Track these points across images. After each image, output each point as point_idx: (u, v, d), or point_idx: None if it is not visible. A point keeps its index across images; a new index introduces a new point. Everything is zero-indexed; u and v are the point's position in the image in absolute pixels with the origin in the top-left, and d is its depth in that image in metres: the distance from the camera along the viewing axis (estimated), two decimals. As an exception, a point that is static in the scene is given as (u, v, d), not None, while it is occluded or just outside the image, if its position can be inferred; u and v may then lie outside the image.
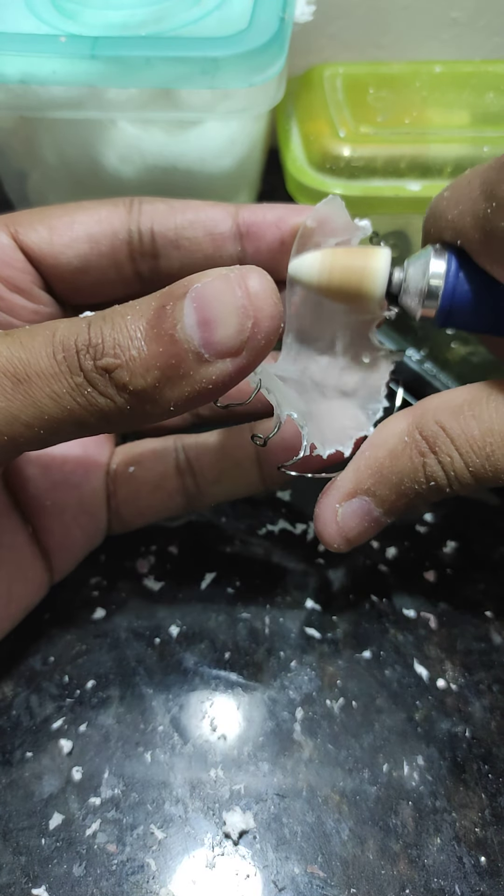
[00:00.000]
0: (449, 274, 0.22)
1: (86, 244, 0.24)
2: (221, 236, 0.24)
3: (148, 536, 0.31)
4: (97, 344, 0.17)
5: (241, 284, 0.17)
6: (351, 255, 0.23)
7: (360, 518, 0.23)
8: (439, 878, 0.23)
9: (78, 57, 0.29)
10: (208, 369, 0.17)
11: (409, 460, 0.22)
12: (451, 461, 0.21)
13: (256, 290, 0.17)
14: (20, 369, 0.17)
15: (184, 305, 0.17)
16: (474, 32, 0.43)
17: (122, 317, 0.18)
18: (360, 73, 0.41)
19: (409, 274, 0.23)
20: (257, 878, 0.23)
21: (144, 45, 0.29)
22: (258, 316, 0.17)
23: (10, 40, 0.30)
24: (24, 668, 0.28)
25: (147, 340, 0.17)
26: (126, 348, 0.17)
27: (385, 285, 0.23)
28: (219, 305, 0.17)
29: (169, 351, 0.17)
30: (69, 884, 0.23)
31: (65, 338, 0.18)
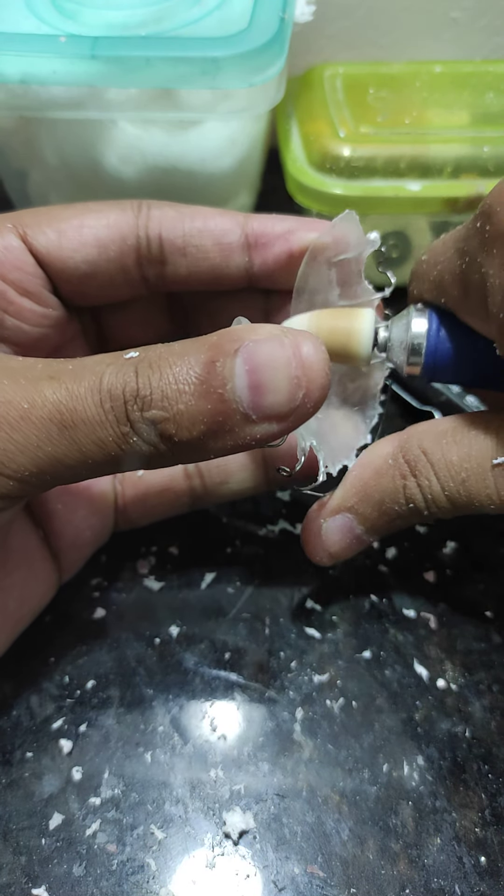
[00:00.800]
0: (430, 332, 0.23)
1: (94, 249, 0.24)
2: (230, 246, 0.24)
3: (148, 536, 0.31)
4: (146, 395, 0.17)
5: (295, 354, 0.17)
6: (335, 317, 0.24)
7: (343, 534, 0.24)
8: (439, 878, 0.23)
9: (78, 57, 0.29)
10: (254, 428, 0.18)
11: (392, 481, 0.23)
12: (428, 485, 0.22)
13: (311, 361, 0.17)
14: (66, 416, 0.17)
15: (235, 365, 0.17)
16: (474, 32, 0.43)
17: (170, 366, 0.17)
18: (360, 73, 0.41)
19: (393, 334, 0.24)
20: (257, 878, 0.23)
21: (144, 45, 0.29)
22: (310, 388, 0.18)
23: (10, 40, 0.30)
24: (24, 668, 0.28)
25: (195, 396, 0.17)
26: (174, 402, 0.17)
27: (370, 345, 0.24)
28: (271, 372, 0.17)
29: (217, 409, 0.17)
30: (69, 884, 0.23)
31: (112, 386, 0.17)
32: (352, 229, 0.24)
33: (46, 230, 0.24)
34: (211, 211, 0.25)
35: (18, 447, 0.18)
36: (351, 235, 0.24)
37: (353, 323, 0.24)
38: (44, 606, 0.27)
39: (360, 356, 0.24)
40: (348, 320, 0.24)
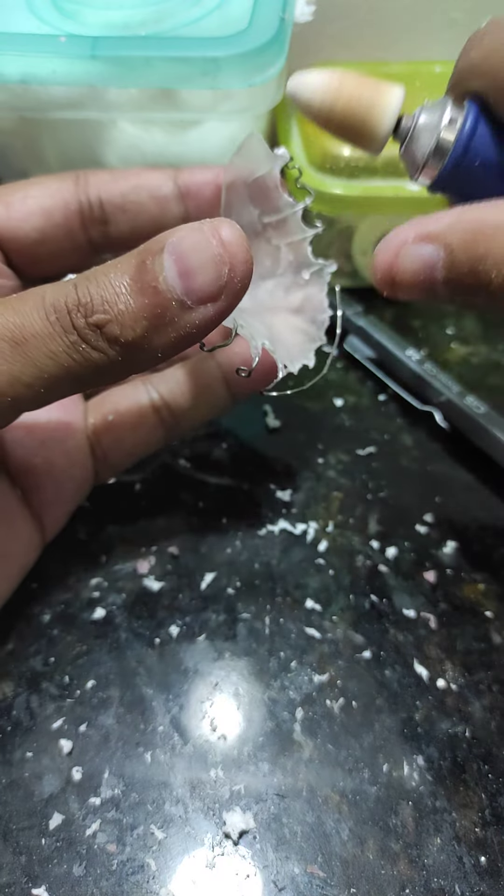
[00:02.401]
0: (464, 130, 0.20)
1: (40, 217, 0.26)
2: (165, 198, 0.26)
3: (148, 536, 0.31)
4: (86, 303, 0.18)
5: (214, 235, 0.18)
6: (361, 85, 0.21)
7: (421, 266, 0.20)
8: (439, 878, 0.23)
9: (78, 57, 0.29)
10: (191, 315, 0.19)
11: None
12: None
13: (229, 238, 0.18)
14: (17, 333, 0.19)
15: (163, 259, 0.18)
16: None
17: (105, 275, 0.19)
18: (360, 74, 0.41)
19: (420, 123, 0.20)
20: (257, 878, 0.23)
21: (144, 45, 0.29)
22: (233, 262, 0.18)
23: (10, 40, 0.30)
24: (24, 668, 0.28)
25: (133, 294, 0.18)
26: (114, 303, 0.18)
27: (392, 125, 0.21)
28: (196, 256, 0.18)
29: (154, 301, 0.18)
30: (69, 884, 0.23)
31: (55, 300, 0.19)
32: (257, 148, 0.24)
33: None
34: (142, 169, 0.27)
35: None
36: (258, 154, 0.25)
37: (381, 95, 0.21)
38: (28, 567, 0.27)
39: (376, 137, 0.21)
40: (376, 91, 0.21)
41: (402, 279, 0.20)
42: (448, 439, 0.35)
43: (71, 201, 0.26)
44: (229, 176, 0.25)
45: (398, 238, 0.20)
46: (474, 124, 0.20)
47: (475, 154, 0.20)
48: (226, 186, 0.25)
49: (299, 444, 0.35)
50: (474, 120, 0.20)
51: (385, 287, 0.21)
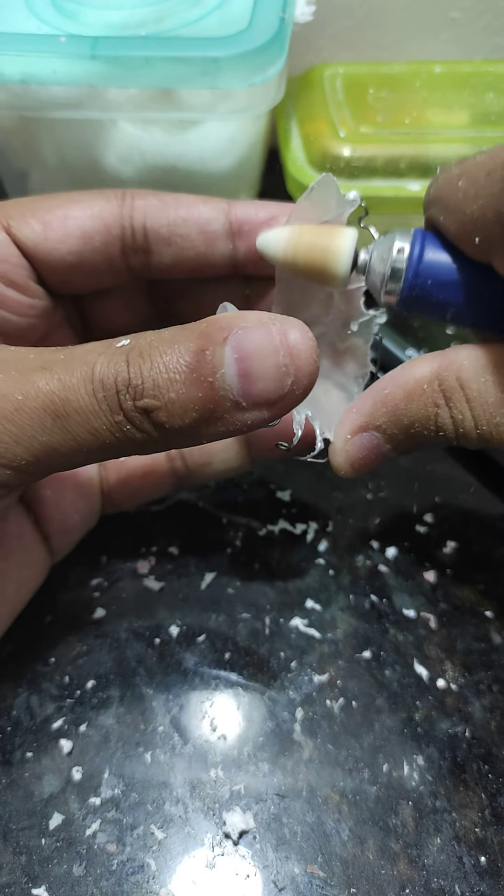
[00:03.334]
0: (413, 255, 0.22)
1: (79, 240, 0.24)
2: (214, 234, 0.24)
3: (148, 536, 0.31)
4: (137, 385, 0.17)
5: (283, 341, 0.18)
6: (316, 234, 0.23)
7: (368, 451, 0.23)
8: (439, 878, 0.23)
9: (78, 57, 0.29)
10: (244, 415, 0.18)
11: (423, 408, 0.22)
12: (462, 419, 0.21)
13: (298, 348, 0.18)
14: (60, 407, 0.18)
15: (224, 353, 0.17)
16: (474, 32, 0.43)
17: (160, 355, 0.18)
18: (360, 73, 0.41)
19: (374, 255, 0.23)
20: (257, 878, 0.23)
21: (144, 45, 0.29)
22: (298, 375, 0.18)
23: (10, 40, 0.30)
24: (24, 668, 0.28)
25: (186, 385, 0.17)
26: (166, 390, 0.17)
27: (349, 266, 0.23)
28: (260, 361, 0.17)
29: (208, 396, 0.17)
30: (69, 884, 0.23)
31: (104, 375, 0.18)
32: (330, 193, 0.23)
33: (31, 221, 0.24)
34: (194, 199, 0.25)
35: (14, 438, 0.18)
36: (330, 199, 0.23)
37: (334, 241, 0.23)
38: (37, 588, 0.27)
39: (338, 277, 0.23)
40: (329, 238, 0.23)
41: (359, 464, 0.23)
42: (448, 439, 0.35)
43: (113, 226, 0.24)
44: (295, 219, 0.24)
45: (340, 437, 0.23)
46: (420, 250, 0.22)
47: (426, 275, 0.22)
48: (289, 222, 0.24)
49: (299, 444, 0.35)
50: (420, 246, 0.22)
51: (349, 474, 0.24)
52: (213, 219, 0.24)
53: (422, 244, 0.22)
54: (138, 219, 0.24)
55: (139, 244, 0.24)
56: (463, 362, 0.21)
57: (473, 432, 0.21)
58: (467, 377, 0.21)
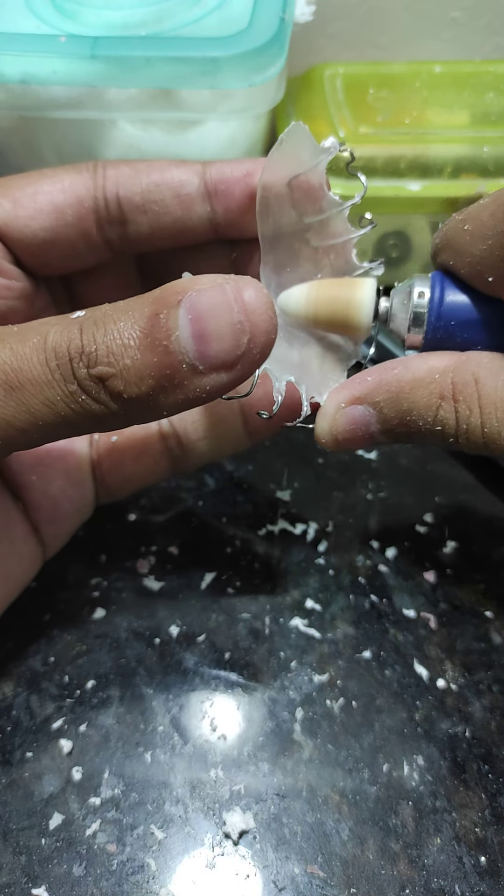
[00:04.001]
0: (434, 300, 0.22)
1: (51, 215, 0.23)
2: (189, 197, 0.24)
3: (148, 536, 0.31)
4: (90, 352, 0.17)
5: (237, 299, 0.17)
6: (336, 287, 0.23)
7: (357, 425, 0.22)
8: (439, 878, 0.23)
9: (78, 57, 0.29)
10: (203, 380, 0.17)
11: (427, 396, 0.21)
12: (468, 416, 0.21)
13: (253, 305, 0.17)
14: (12, 377, 0.17)
15: (178, 316, 0.17)
16: (474, 32, 0.43)
17: (114, 322, 0.17)
18: (360, 73, 0.41)
19: (395, 302, 0.23)
20: (257, 878, 0.23)
21: (144, 45, 0.29)
22: (254, 332, 0.17)
23: (10, 40, 0.30)
24: (24, 668, 0.28)
25: (141, 350, 0.17)
26: (120, 357, 0.17)
27: (371, 316, 0.23)
28: (214, 320, 0.17)
29: (163, 361, 0.17)
30: (69, 884, 0.23)
31: (57, 344, 0.17)
32: (302, 142, 0.22)
33: (1, 200, 0.23)
34: (167, 163, 0.24)
35: None
36: (303, 149, 0.22)
37: (354, 293, 0.23)
38: (28, 581, 0.27)
39: (360, 327, 0.23)
40: (349, 290, 0.23)
41: (344, 437, 0.22)
42: (448, 439, 0.35)
43: (85, 198, 0.23)
44: (268, 173, 0.23)
45: (333, 403, 0.22)
46: (441, 292, 0.22)
47: (448, 317, 0.22)
48: (262, 185, 0.23)
49: (299, 444, 0.35)
50: (440, 289, 0.22)
51: (330, 445, 0.23)
52: (188, 181, 0.23)
53: (441, 287, 0.22)
54: (111, 189, 0.23)
55: (114, 215, 0.24)
56: (483, 360, 0.21)
57: (479, 431, 0.21)
58: (484, 375, 0.21)
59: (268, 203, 0.23)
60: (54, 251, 0.24)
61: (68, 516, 0.27)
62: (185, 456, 0.27)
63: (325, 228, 0.24)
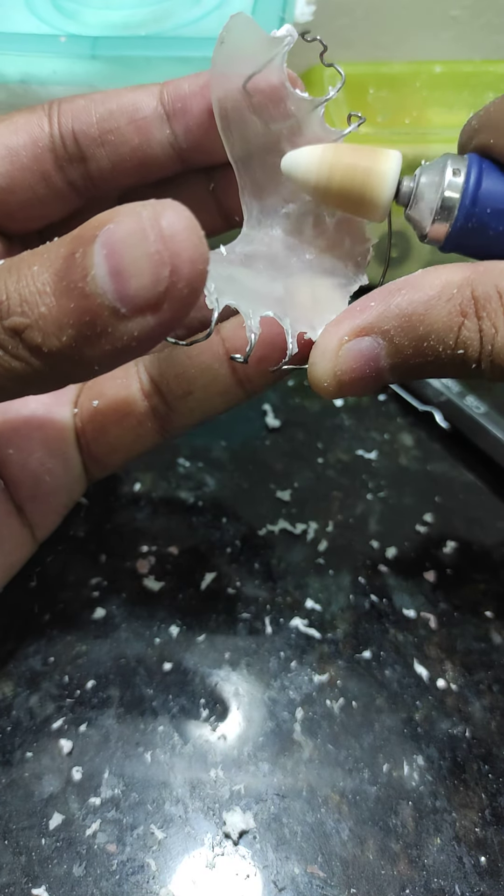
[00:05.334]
0: (469, 180, 0.19)
1: (4, 160, 0.22)
2: (146, 121, 0.21)
3: (148, 536, 0.31)
4: (2, 301, 0.15)
5: (153, 225, 0.14)
6: (356, 154, 0.20)
7: (364, 361, 0.19)
8: (439, 878, 0.23)
9: (78, 57, 0.29)
10: (128, 325, 0.15)
11: (447, 316, 0.18)
12: (493, 334, 0.18)
13: (171, 230, 0.14)
14: None
15: (94, 252, 0.15)
16: (474, 32, 0.43)
17: (28, 267, 0.15)
18: (360, 73, 0.41)
19: (422, 182, 0.20)
20: (257, 878, 0.23)
21: (145, 45, 0.29)
22: (175, 262, 0.15)
23: (10, 40, 0.30)
24: (24, 668, 0.28)
25: (56, 295, 0.15)
26: (35, 305, 0.15)
27: (393, 191, 0.20)
28: (129, 251, 0.14)
29: (81, 306, 0.15)
30: (69, 884, 0.23)
31: None
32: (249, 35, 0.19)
33: None
34: (124, 89, 0.22)
35: None
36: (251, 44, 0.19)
37: (377, 163, 0.19)
38: (17, 566, 0.25)
39: (378, 205, 0.20)
40: (370, 159, 0.20)
41: (349, 378, 0.19)
42: (448, 439, 0.35)
43: (40, 137, 0.21)
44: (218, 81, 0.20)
45: (333, 338, 0.19)
46: (479, 173, 0.19)
47: (485, 203, 0.19)
48: (216, 97, 0.20)
49: (299, 444, 0.35)
50: (478, 168, 0.19)
51: (332, 388, 0.19)
52: (143, 103, 0.21)
53: (480, 168, 0.19)
54: (66, 124, 0.22)
55: (72, 152, 0.22)
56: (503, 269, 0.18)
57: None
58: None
59: (227, 115, 0.20)
60: (14, 199, 0.22)
61: (53, 492, 0.25)
62: (171, 414, 0.24)
63: (298, 135, 0.21)
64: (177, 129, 0.22)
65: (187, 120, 0.21)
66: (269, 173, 0.21)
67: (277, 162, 0.21)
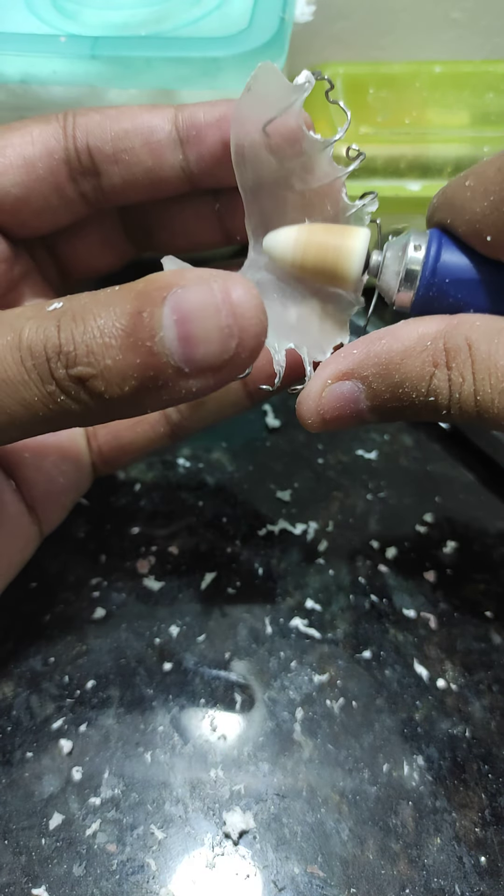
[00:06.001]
0: (429, 254, 0.21)
1: (21, 169, 0.22)
2: (160, 144, 0.22)
3: (148, 536, 0.31)
4: (69, 351, 0.16)
5: (225, 300, 0.16)
6: (327, 233, 0.22)
7: (345, 402, 0.21)
8: (439, 878, 0.23)
9: (78, 57, 0.29)
10: (189, 382, 0.17)
11: (420, 366, 0.20)
12: (461, 383, 0.19)
13: (242, 307, 0.16)
14: None
15: (162, 315, 0.16)
16: (474, 32, 0.43)
17: (94, 317, 0.16)
18: (360, 73, 0.41)
19: (388, 255, 0.21)
20: (257, 878, 0.23)
21: (145, 46, 0.29)
22: (242, 336, 0.16)
23: (10, 40, 0.30)
24: (24, 668, 0.28)
25: (123, 350, 0.16)
26: (101, 357, 0.16)
27: (362, 266, 0.21)
28: (201, 322, 0.16)
29: (147, 362, 0.16)
30: (69, 884, 0.23)
31: (33, 342, 0.16)
32: (274, 82, 0.20)
33: None
34: (139, 108, 0.23)
35: None
36: (274, 90, 0.20)
37: (345, 241, 0.21)
38: (25, 560, 0.26)
39: (349, 278, 0.21)
40: (340, 237, 0.21)
41: (331, 416, 0.21)
42: (448, 439, 0.35)
43: (56, 149, 0.22)
44: (239, 123, 0.21)
45: (319, 381, 0.21)
46: (438, 247, 0.21)
47: (444, 273, 0.21)
48: (235, 135, 0.21)
49: (299, 444, 0.35)
50: (438, 243, 0.21)
51: (316, 425, 0.21)
52: (158, 127, 0.22)
53: (439, 242, 0.21)
54: (81, 138, 0.22)
55: (86, 166, 0.23)
56: (475, 322, 0.20)
57: (471, 399, 0.19)
58: (477, 338, 0.19)
59: (243, 152, 0.22)
60: (28, 208, 0.23)
61: (64, 492, 0.26)
62: (184, 421, 0.26)
63: (309, 171, 0.22)
64: (190, 155, 0.22)
65: (201, 149, 0.22)
66: (277, 203, 0.23)
67: (287, 195, 0.23)
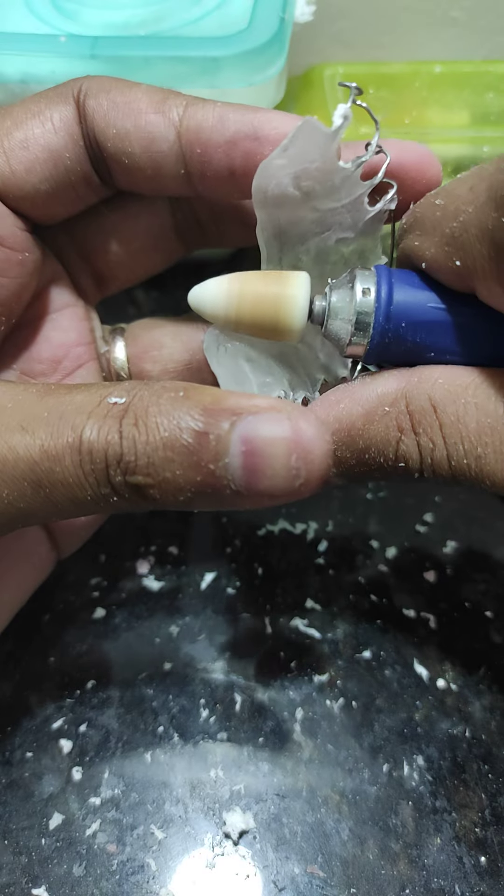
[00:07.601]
0: (381, 296, 0.18)
1: (48, 163, 0.20)
2: (160, 155, 0.20)
3: (148, 536, 0.31)
4: (130, 461, 0.16)
5: (297, 441, 0.16)
6: (263, 281, 0.19)
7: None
8: (439, 878, 0.23)
9: (78, 57, 0.29)
10: (243, 500, 0.16)
11: (384, 431, 0.19)
12: (431, 448, 0.18)
13: (313, 453, 0.16)
14: (42, 477, 0.16)
15: (230, 443, 0.15)
16: (474, 32, 0.43)
17: (158, 427, 0.16)
18: (360, 73, 0.41)
19: (333, 301, 0.19)
20: (257, 878, 0.23)
21: (144, 45, 0.29)
22: (309, 478, 0.16)
23: (10, 40, 0.30)
24: (24, 668, 0.28)
25: (184, 466, 0.16)
26: (161, 469, 0.16)
27: (303, 317, 0.19)
28: (270, 460, 0.16)
29: (206, 482, 0.16)
30: (69, 884, 0.23)
31: (94, 448, 0.16)
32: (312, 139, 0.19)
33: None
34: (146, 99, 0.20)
35: None
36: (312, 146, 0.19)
37: (284, 289, 0.19)
38: (38, 585, 0.26)
39: (291, 330, 0.19)
40: (277, 285, 0.19)
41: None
42: (448, 439, 0.35)
43: (78, 134, 0.20)
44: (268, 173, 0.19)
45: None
46: (389, 287, 0.18)
47: (399, 318, 0.18)
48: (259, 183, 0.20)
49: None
50: (388, 283, 0.18)
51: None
52: (160, 136, 0.20)
53: (389, 281, 0.19)
54: (90, 128, 0.20)
55: (98, 155, 0.21)
56: (437, 380, 0.18)
57: (445, 464, 0.18)
58: (441, 398, 0.18)
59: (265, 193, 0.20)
60: (58, 201, 0.21)
61: (85, 525, 0.26)
62: None
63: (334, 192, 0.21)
64: (192, 170, 0.21)
65: (205, 170, 0.20)
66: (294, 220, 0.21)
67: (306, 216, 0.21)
